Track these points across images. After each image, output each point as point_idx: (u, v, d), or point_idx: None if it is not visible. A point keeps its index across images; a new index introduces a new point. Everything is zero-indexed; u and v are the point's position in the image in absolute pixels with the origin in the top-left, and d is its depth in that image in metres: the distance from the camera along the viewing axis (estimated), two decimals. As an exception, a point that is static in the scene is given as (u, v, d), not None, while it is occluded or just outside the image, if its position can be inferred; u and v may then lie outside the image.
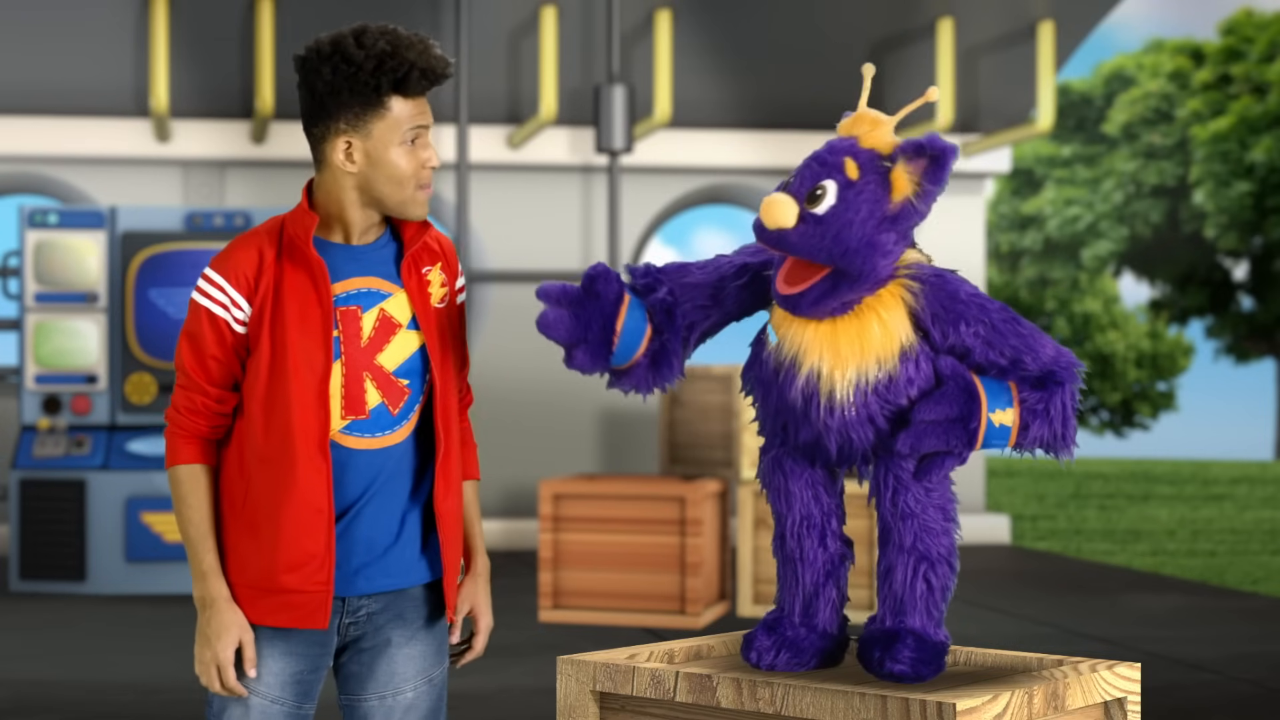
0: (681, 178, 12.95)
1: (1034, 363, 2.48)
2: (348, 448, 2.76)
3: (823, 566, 2.61)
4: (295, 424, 2.72)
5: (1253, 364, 37.85)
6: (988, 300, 2.51)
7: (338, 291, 2.77)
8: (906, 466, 2.53)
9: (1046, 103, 12.28)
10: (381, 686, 2.83)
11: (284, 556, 2.74)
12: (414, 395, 2.80)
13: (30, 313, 9.51)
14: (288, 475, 2.72)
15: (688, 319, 2.65)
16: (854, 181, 2.47)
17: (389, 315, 2.79)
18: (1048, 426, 2.48)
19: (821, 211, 2.46)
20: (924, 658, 2.47)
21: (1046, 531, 15.59)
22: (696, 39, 12.25)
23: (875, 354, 2.48)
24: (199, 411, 2.80)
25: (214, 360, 2.78)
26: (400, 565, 2.82)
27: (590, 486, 8.22)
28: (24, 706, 6.00)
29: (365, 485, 2.77)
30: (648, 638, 7.70)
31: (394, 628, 2.83)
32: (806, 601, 2.61)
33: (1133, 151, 34.72)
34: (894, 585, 2.53)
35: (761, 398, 2.59)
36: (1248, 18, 34.64)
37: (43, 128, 11.92)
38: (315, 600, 2.75)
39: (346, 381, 2.76)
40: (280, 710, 2.79)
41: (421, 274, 2.82)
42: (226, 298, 2.77)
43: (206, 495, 2.82)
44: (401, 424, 2.79)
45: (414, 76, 2.70)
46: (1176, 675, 6.76)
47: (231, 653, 2.75)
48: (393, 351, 2.78)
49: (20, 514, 9.16)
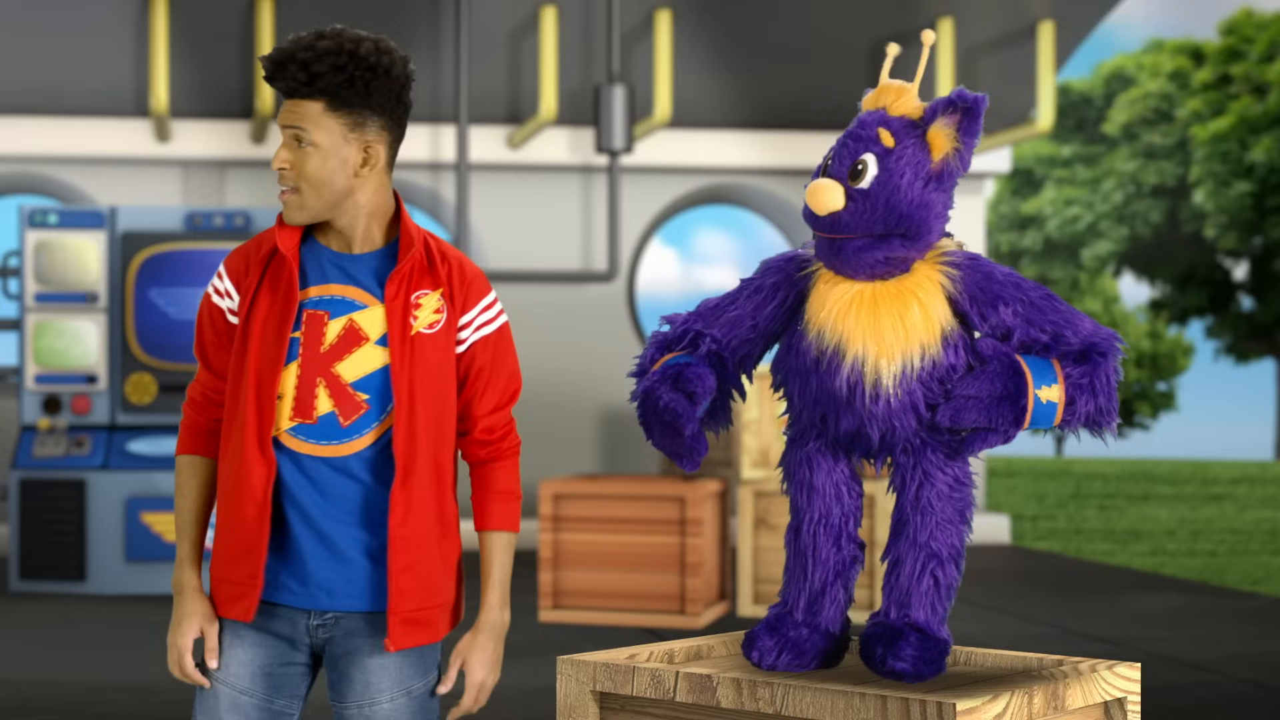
0: (681, 178, 12.95)
1: (1075, 337, 2.48)
2: (293, 450, 2.74)
3: (834, 567, 2.60)
4: (247, 417, 2.74)
5: (1253, 364, 37.87)
6: (1023, 279, 2.53)
7: (311, 295, 2.76)
8: (936, 460, 2.53)
9: (1046, 103, 12.28)
10: (358, 695, 2.80)
11: (229, 547, 2.77)
12: (373, 412, 2.73)
13: (30, 313, 9.50)
14: (235, 468, 2.75)
15: (737, 355, 2.65)
16: (892, 149, 2.49)
17: (357, 326, 2.74)
18: (1094, 400, 2.46)
19: (866, 185, 2.47)
20: (926, 656, 2.47)
21: (1046, 531, 15.59)
22: (696, 39, 12.25)
23: (919, 340, 2.48)
24: (195, 402, 2.86)
25: (210, 347, 2.83)
26: (363, 586, 2.77)
27: (590, 486, 8.22)
28: (24, 706, 6.00)
29: (317, 493, 2.74)
30: (648, 638, 7.70)
31: (364, 636, 2.79)
32: (812, 599, 2.60)
33: (1133, 151, 34.72)
34: (901, 578, 2.53)
35: (799, 388, 2.58)
36: (1248, 18, 34.64)
37: (43, 128, 11.92)
38: (241, 591, 2.75)
39: (299, 384, 2.73)
40: (250, 702, 2.79)
41: (410, 296, 2.76)
42: (224, 286, 2.81)
43: (194, 485, 2.85)
44: (352, 437, 2.73)
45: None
46: (1176, 675, 6.76)
47: (189, 640, 2.77)
48: (353, 363, 2.73)
49: (20, 514, 9.16)
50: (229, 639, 2.79)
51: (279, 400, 2.74)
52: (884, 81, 2.58)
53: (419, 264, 2.77)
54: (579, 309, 12.59)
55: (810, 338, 2.54)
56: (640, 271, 13.17)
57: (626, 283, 12.82)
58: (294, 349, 2.74)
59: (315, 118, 2.70)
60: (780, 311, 2.64)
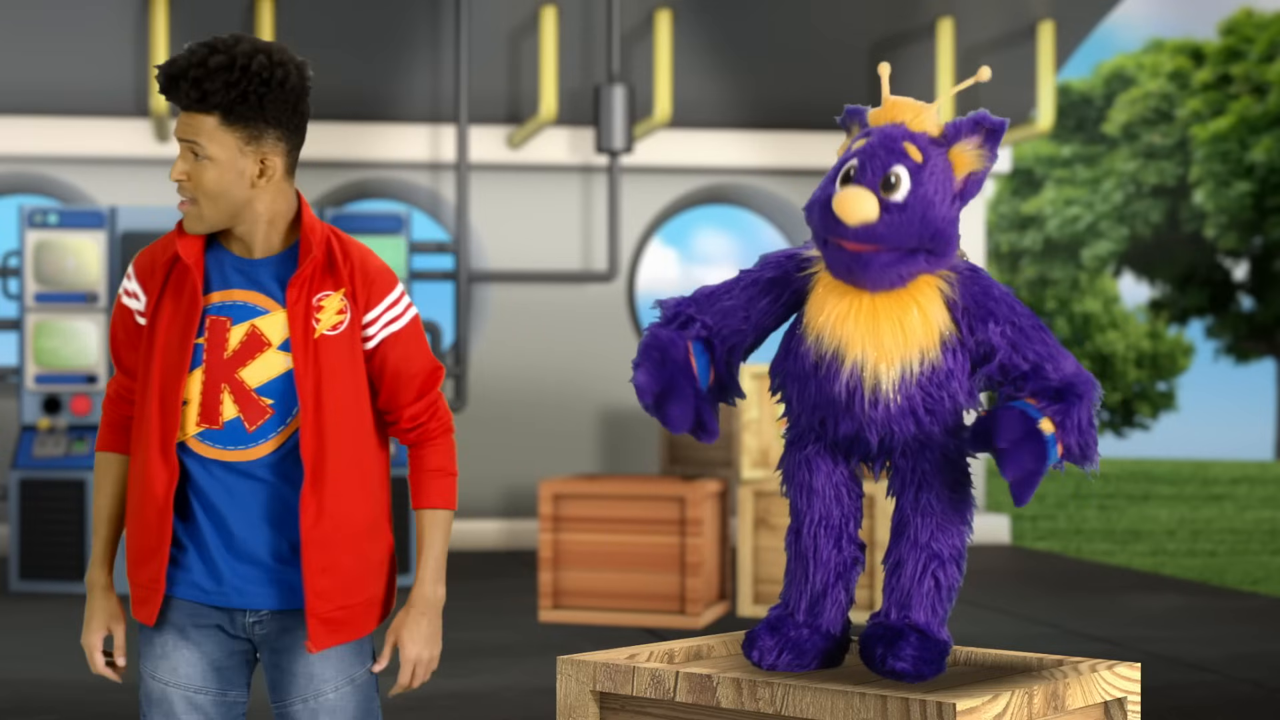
0: (681, 178, 12.95)
1: (1055, 373, 2.47)
2: (200, 455, 2.76)
3: (834, 568, 2.60)
4: (150, 422, 2.76)
5: (1253, 364, 37.86)
6: (1018, 303, 2.53)
7: (214, 300, 2.77)
8: (934, 462, 2.53)
9: (1046, 103, 12.28)
10: (302, 689, 2.81)
11: (134, 551, 2.80)
12: (277, 417, 2.75)
13: (30, 313, 9.51)
14: (139, 472, 2.77)
15: (727, 344, 2.63)
16: (922, 164, 2.47)
17: (259, 332, 2.75)
18: (1071, 436, 2.46)
19: (901, 198, 2.45)
20: (926, 657, 2.47)
21: (1046, 531, 15.59)
22: (696, 39, 12.25)
23: (918, 345, 2.47)
24: (112, 399, 2.90)
25: (123, 347, 2.87)
26: (275, 586, 2.78)
27: (590, 486, 8.22)
28: (24, 706, 6.00)
29: (225, 496, 2.75)
30: (648, 638, 7.70)
31: (301, 628, 2.81)
32: (813, 600, 2.60)
33: (1133, 151, 34.72)
34: (902, 579, 2.53)
35: (798, 392, 2.57)
36: (1248, 18, 34.64)
37: (43, 128, 11.92)
38: (146, 594, 2.78)
39: (204, 390, 2.75)
40: (207, 699, 2.82)
41: (311, 299, 2.76)
42: (132, 286, 2.84)
43: (109, 482, 2.88)
44: (259, 442, 2.75)
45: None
46: (1176, 675, 6.76)
47: (98, 638, 2.82)
48: (256, 369, 2.75)
49: (20, 514, 9.16)
50: (174, 642, 2.81)
51: (185, 406, 2.75)
52: (894, 98, 2.56)
53: (319, 266, 2.78)
54: (579, 309, 12.59)
55: (809, 342, 2.53)
56: (640, 271, 13.17)
57: (626, 283, 12.82)
58: (198, 355, 2.76)
59: (210, 132, 2.70)
60: (775, 307, 2.63)
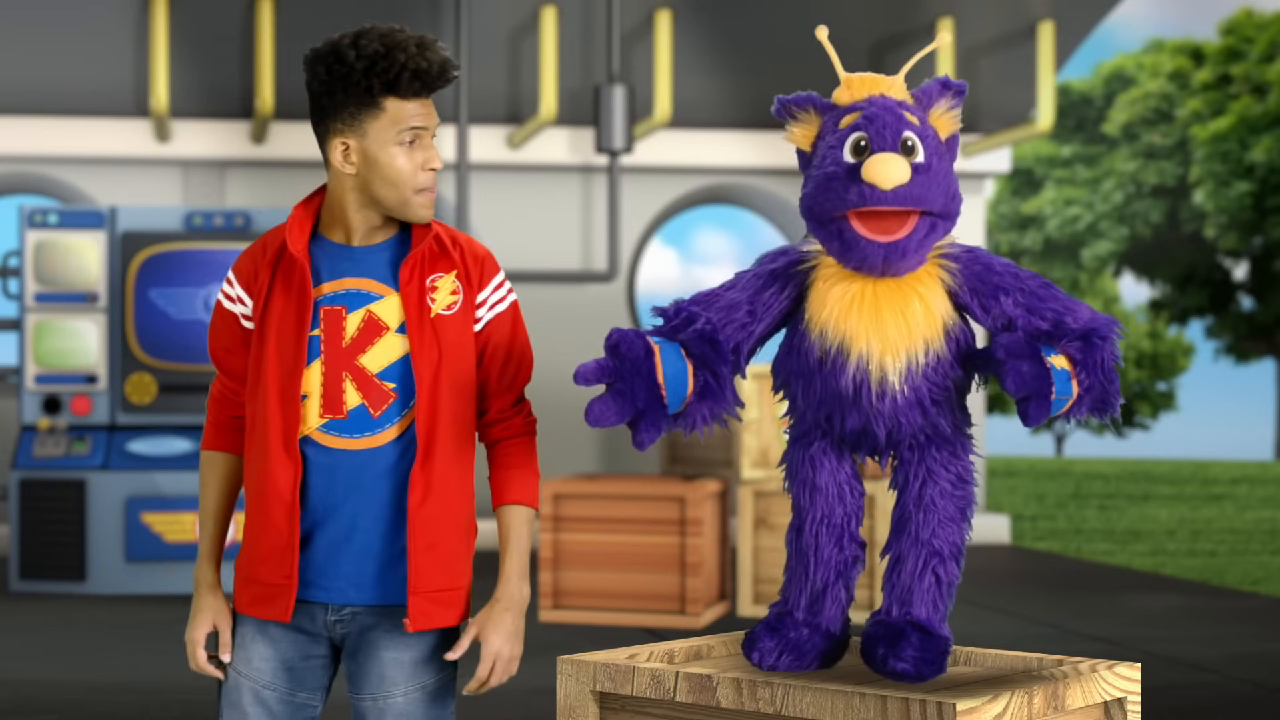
0: (681, 178, 12.95)
1: (1075, 323, 2.47)
2: (326, 446, 2.76)
3: (835, 566, 2.60)
4: (269, 419, 2.76)
5: (1253, 364, 37.87)
6: (1020, 269, 2.53)
7: (326, 291, 2.78)
8: (939, 457, 2.53)
9: (1046, 103, 12.28)
10: (373, 688, 2.82)
11: (258, 549, 2.79)
12: (400, 400, 2.76)
13: (30, 313, 9.50)
14: (262, 470, 2.77)
15: (732, 341, 2.60)
16: (922, 128, 2.47)
17: (376, 317, 2.77)
18: (1093, 376, 2.44)
19: (923, 159, 2.45)
20: (928, 656, 2.46)
21: (1046, 531, 15.59)
22: (696, 39, 12.25)
23: (922, 335, 2.47)
24: (217, 399, 2.92)
25: (225, 352, 2.87)
26: (390, 579, 2.79)
27: (590, 486, 8.22)
28: (24, 706, 5.99)
29: (349, 487, 2.76)
30: (648, 638, 7.70)
31: (381, 630, 2.81)
32: (813, 598, 2.60)
33: (1133, 151, 34.72)
34: (903, 575, 2.53)
35: (803, 389, 2.56)
36: (1248, 18, 34.64)
37: (43, 128, 11.92)
38: (276, 592, 2.78)
39: (325, 380, 2.75)
40: (273, 696, 2.83)
41: (425, 281, 2.78)
42: (235, 292, 2.84)
43: (216, 480, 2.90)
44: (384, 427, 2.76)
45: (405, 78, 2.70)
46: (1176, 675, 6.76)
47: (201, 634, 2.83)
48: (376, 354, 2.76)
49: (20, 514, 9.16)
50: (252, 633, 2.83)
51: (305, 400, 2.76)
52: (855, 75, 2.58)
53: (431, 249, 2.81)
54: (579, 309, 12.59)
55: (813, 338, 2.52)
56: (640, 271, 13.17)
57: (626, 283, 12.82)
58: (315, 347, 2.77)
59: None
60: (778, 299, 2.61)
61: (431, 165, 2.75)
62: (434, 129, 2.77)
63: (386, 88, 2.71)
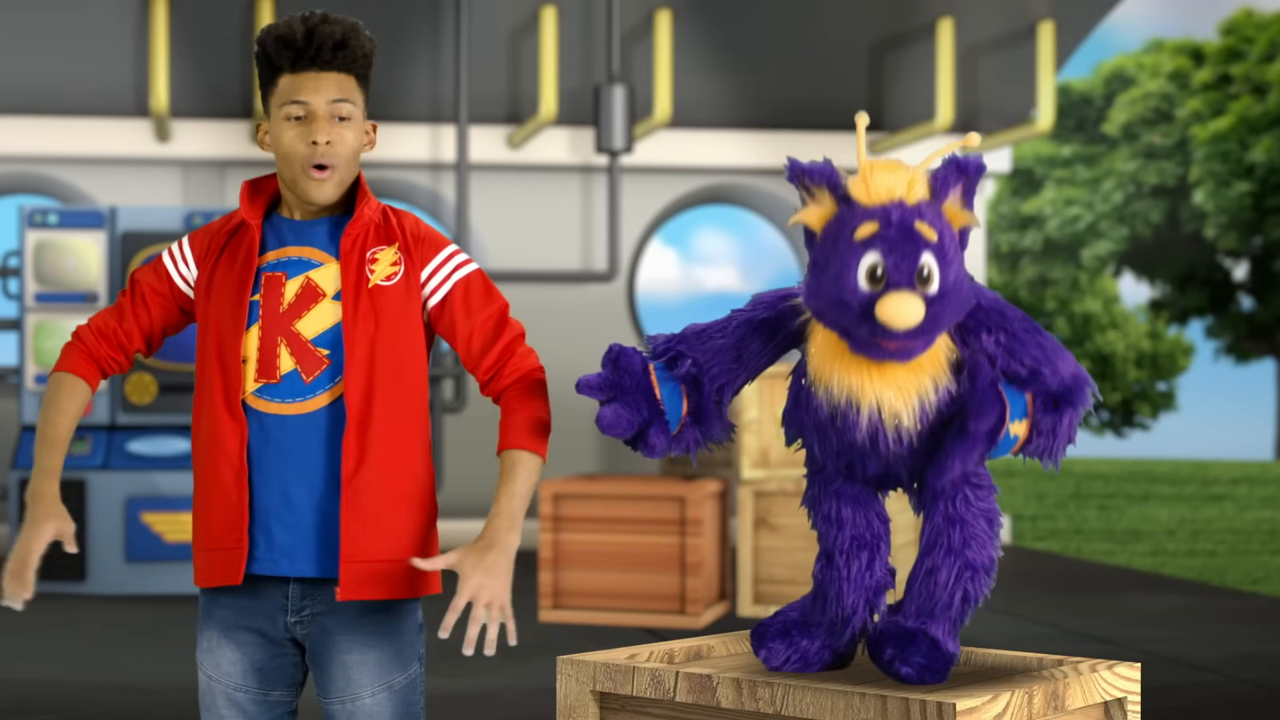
0: (681, 178, 12.95)
1: (1052, 378, 2.43)
2: (261, 411, 2.76)
3: (866, 589, 2.55)
4: (213, 382, 2.77)
5: (1253, 364, 37.87)
6: (1008, 307, 2.48)
7: (269, 258, 2.81)
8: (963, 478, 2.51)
9: (1046, 103, 12.28)
10: (340, 691, 2.81)
11: (210, 512, 2.78)
12: (333, 367, 2.75)
13: (30, 313, 9.51)
14: (210, 432, 2.77)
15: (716, 383, 2.57)
16: (939, 243, 2.37)
17: (314, 284, 2.78)
18: (1049, 442, 2.44)
19: (937, 290, 2.35)
20: (933, 666, 2.45)
21: (1046, 531, 15.59)
22: (696, 39, 12.25)
23: (929, 375, 2.42)
24: (105, 335, 2.86)
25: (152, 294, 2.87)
26: (326, 551, 2.75)
27: (590, 486, 8.22)
28: (24, 706, 6.00)
29: (281, 451, 2.75)
30: (648, 638, 7.70)
31: (341, 631, 2.79)
32: (836, 624, 2.56)
33: (1133, 151, 34.72)
34: (933, 587, 2.49)
35: (819, 441, 2.52)
36: (1248, 18, 34.64)
37: (43, 128, 11.92)
38: (226, 557, 2.76)
39: (262, 345, 2.76)
40: (246, 697, 2.84)
41: (365, 252, 2.79)
42: (180, 254, 2.88)
43: (76, 408, 2.83)
44: (316, 394, 2.75)
45: (285, 53, 2.74)
46: (1176, 675, 6.76)
47: (42, 543, 2.66)
48: (312, 320, 2.77)
49: (20, 514, 9.16)
50: (218, 638, 2.83)
51: (244, 363, 2.77)
52: (874, 162, 2.43)
53: (374, 221, 2.83)
54: (579, 309, 12.59)
55: (820, 395, 2.47)
56: (640, 271, 13.17)
57: (626, 283, 12.82)
58: (254, 312, 2.78)
59: (353, 92, 2.78)
60: (767, 348, 2.58)
61: (316, 138, 2.72)
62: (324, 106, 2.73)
63: (275, 64, 2.76)
